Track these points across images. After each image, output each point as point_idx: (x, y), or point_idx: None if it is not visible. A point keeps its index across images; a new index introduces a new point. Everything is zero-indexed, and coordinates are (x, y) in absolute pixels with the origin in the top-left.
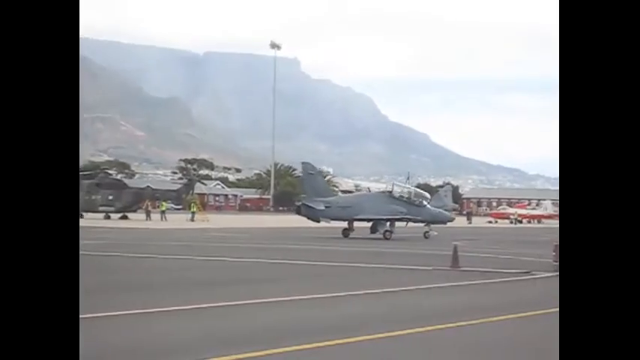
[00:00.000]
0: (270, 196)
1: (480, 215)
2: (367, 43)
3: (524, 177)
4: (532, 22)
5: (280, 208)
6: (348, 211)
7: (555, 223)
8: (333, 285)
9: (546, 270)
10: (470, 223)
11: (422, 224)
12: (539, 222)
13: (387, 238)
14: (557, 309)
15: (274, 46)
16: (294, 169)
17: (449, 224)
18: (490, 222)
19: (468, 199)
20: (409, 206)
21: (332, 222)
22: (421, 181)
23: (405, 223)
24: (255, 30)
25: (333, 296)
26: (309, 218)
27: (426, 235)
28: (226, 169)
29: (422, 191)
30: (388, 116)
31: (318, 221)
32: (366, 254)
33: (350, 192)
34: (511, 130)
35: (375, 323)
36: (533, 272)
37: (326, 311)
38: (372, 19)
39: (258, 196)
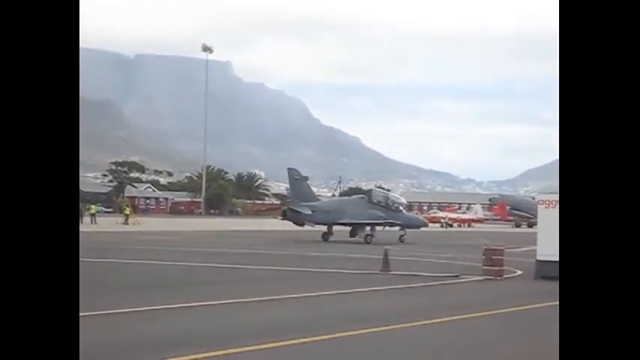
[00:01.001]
0: (201, 200)
1: None
2: (299, 48)
3: (455, 181)
4: (457, 27)
5: (212, 212)
6: (331, 215)
7: (485, 227)
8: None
9: (475, 274)
10: None
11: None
12: (469, 226)
13: (368, 242)
14: (482, 313)
15: (206, 49)
16: (226, 172)
17: (379, 228)
18: None
19: None
20: (387, 211)
21: (316, 226)
22: (353, 184)
23: (382, 227)
24: (187, 33)
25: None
26: (294, 222)
27: (401, 239)
28: (157, 172)
29: (399, 197)
30: (320, 120)
31: (303, 225)
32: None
33: (283, 195)
34: (442, 134)
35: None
36: (462, 276)
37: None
38: (304, 24)
39: (189, 199)
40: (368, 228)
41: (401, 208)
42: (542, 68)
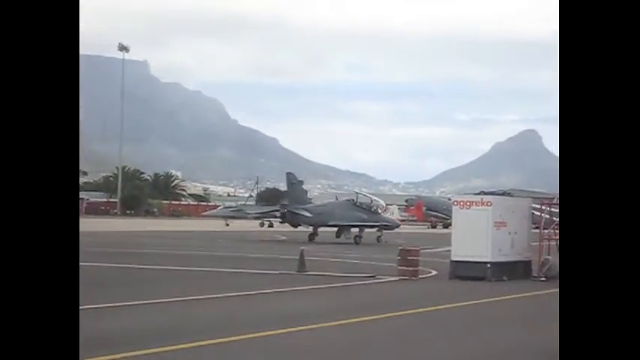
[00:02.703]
0: (117, 200)
1: None
2: (217, 47)
3: (372, 182)
4: (377, 28)
5: (128, 212)
6: (322, 217)
7: (401, 228)
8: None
9: (391, 274)
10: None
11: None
12: None
13: (357, 243)
14: (393, 313)
15: (122, 48)
16: (142, 173)
17: (301, 229)
18: None
19: None
20: (370, 214)
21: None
22: (270, 185)
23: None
24: (103, 32)
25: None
26: (291, 224)
27: (378, 240)
28: None
29: (379, 200)
30: (238, 120)
31: (297, 227)
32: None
33: (200, 196)
34: (358, 135)
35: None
36: (378, 276)
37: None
38: (222, 23)
39: (105, 200)
40: (356, 230)
41: (380, 210)
42: (458, 70)
